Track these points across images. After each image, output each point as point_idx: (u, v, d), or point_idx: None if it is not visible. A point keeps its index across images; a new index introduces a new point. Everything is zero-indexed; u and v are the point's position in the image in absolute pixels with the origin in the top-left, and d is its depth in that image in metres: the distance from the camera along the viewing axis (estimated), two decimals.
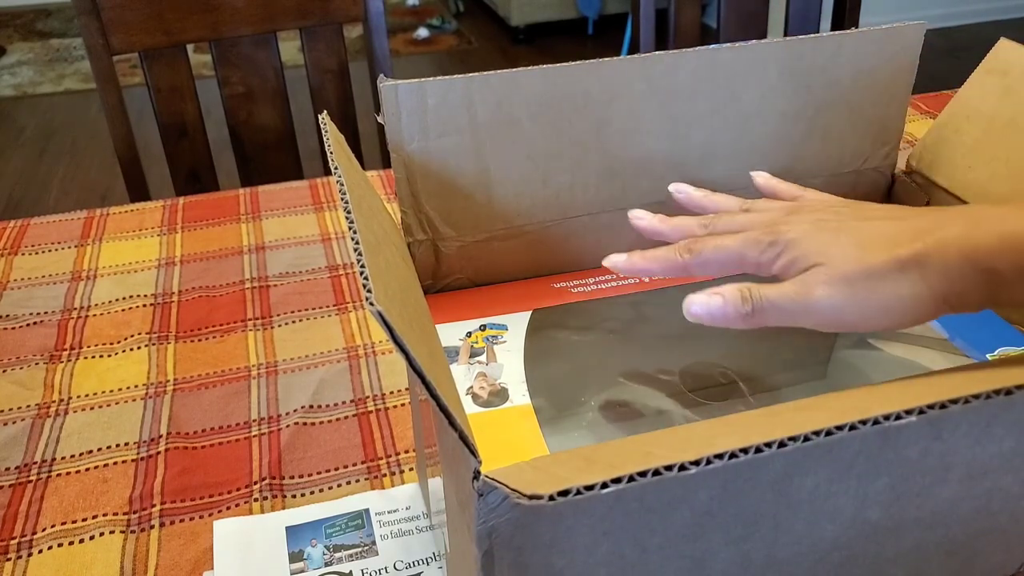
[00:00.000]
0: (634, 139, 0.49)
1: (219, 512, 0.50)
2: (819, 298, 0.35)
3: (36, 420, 0.57)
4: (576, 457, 0.27)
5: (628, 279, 0.52)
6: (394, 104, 0.44)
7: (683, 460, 0.24)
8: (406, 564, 0.47)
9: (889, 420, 0.25)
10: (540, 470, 0.26)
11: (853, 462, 0.29)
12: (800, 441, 0.25)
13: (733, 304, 0.37)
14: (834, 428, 0.25)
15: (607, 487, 0.23)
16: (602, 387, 0.45)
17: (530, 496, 0.23)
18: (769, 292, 0.36)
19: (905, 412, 0.25)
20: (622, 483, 0.23)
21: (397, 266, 0.34)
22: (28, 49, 3.35)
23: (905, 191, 0.55)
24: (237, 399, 0.59)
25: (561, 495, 0.23)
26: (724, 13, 1.29)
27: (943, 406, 0.26)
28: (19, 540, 0.49)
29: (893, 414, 0.25)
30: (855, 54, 0.50)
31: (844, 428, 0.25)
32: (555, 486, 0.23)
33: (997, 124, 0.49)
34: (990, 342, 0.46)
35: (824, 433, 0.25)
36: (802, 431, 0.25)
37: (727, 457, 0.24)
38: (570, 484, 0.23)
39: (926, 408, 0.26)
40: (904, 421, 0.25)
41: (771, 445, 0.24)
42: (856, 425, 0.25)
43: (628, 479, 0.23)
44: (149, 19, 1.03)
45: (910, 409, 0.26)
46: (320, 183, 0.85)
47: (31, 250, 0.76)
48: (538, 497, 0.22)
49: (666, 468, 0.23)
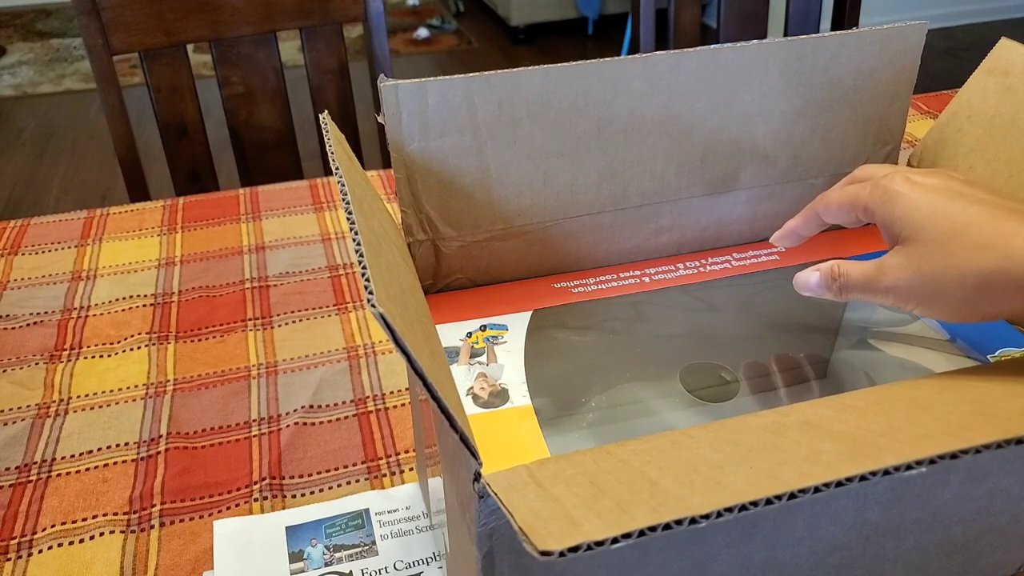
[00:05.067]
0: (634, 139, 0.49)
1: (219, 512, 0.50)
2: (889, 285, 0.37)
3: (36, 420, 0.57)
4: (580, 477, 0.26)
5: (628, 279, 0.52)
6: (394, 104, 0.44)
7: (693, 513, 0.23)
8: (406, 564, 0.47)
9: (900, 471, 0.25)
10: (545, 496, 0.25)
11: None
12: (811, 493, 0.24)
13: (825, 280, 0.40)
14: (844, 480, 0.24)
15: (618, 542, 0.23)
16: (602, 387, 0.45)
17: (542, 552, 0.22)
18: (851, 271, 0.39)
19: (916, 463, 0.25)
20: (632, 539, 0.23)
21: (398, 266, 0.34)
22: (28, 49, 3.35)
23: None
24: (237, 399, 0.59)
25: (572, 551, 0.22)
26: (724, 13, 1.29)
27: (954, 456, 0.26)
28: (19, 540, 0.49)
29: (903, 465, 0.25)
30: (856, 54, 0.50)
31: (855, 480, 0.25)
32: (563, 528, 0.23)
33: (998, 124, 0.49)
34: (991, 343, 0.46)
35: (835, 484, 0.24)
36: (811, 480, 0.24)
37: (737, 510, 0.23)
38: (580, 535, 0.22)
39: (937, 458, 0.25)
40: (915, 472, 0.25)
41: (781, 498, 0.24)
42: (867, 476, 0.25)
43: (639, 534, 0.23)
44: (149, 19, 1.03)
45: (920, 460, 0.25)
46: (320, 183, 0.85)
47: (31, 250, 0.76)
48: (549, 553, 0.22)
49: (676, 523, 0.23)
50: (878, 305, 0.38)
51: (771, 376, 0.46)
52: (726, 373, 0.46)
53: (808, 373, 0.46)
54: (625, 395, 0.45)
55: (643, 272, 0.53)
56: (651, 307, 0.50)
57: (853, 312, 0.50)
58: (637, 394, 0.45)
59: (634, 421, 0.43)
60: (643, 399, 0.44)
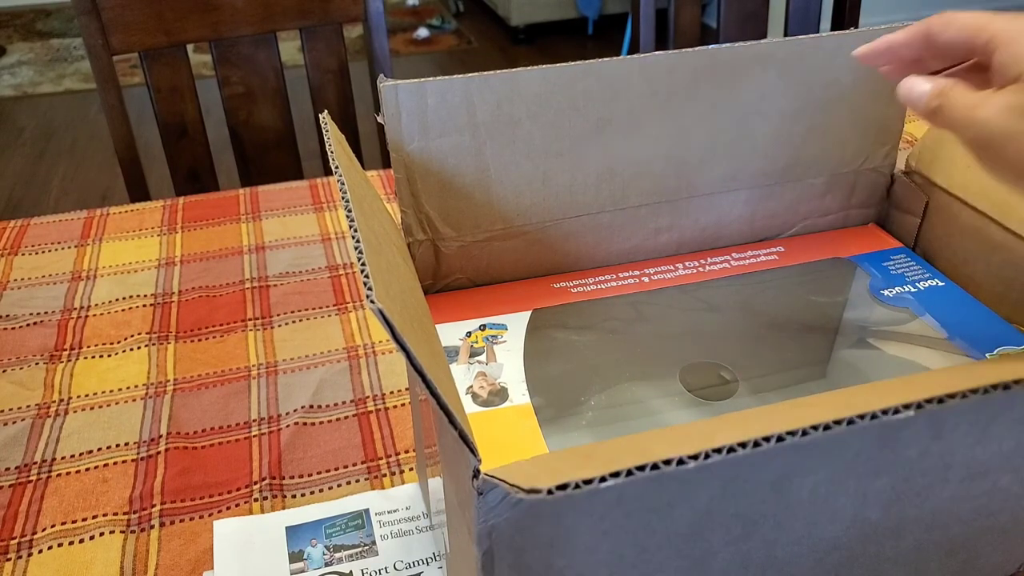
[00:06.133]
0: (634, 139, 0.49)
1: (219, 512, 0.50)
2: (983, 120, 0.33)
3: (36, 420, 0.57)
4: (575, 454, 0.27)
5: (628, 279, 0.52)
6: (394, 104, 0.44)
7: (681, 454, 0.24)
8: (406, 564, 0.47)
9: (888, 415, 0.25)
10: (539, 466, 0.26)
11: (853, 462, 0.29)
12: (799, 435, 0.25)
13: (931, 94, 0.35)
14: (832, 423, 0.25)
15: (606, 481, 0.23)
16: (602, 387, 0.45)
17: (528, 490, 0.23)
18: (954, 94, 0.35)
19: (903, 407, 0.25)
20: (620, 477, 0.23)
21: (398, 266, 0.34)
22: (28, 49, 3.35)
23: (904, 191, 0.55)
24: (237, 399, 0.59)
25: (560, 489, 0.23)
26: (724, 13, 1.29)
27: (941, 400, 0.26)
28: (19, 540, 0.49)
29: (891, 408, 0.25)
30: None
31: (843, 423, 0.25)
32: (554, 480, 0.23)
33: None
34: (989, 341, 0.46)
35: (823, 428, 0.25)
36: (801, 426, 0.25)
37: (725, 451, 0.24)
38: (569, 478, 0.23)
39: (924, 403, 0.26)
40: (903, 416, 0.25)
41: (769, 440, 0.24)
42: (854, 420, 0.25)
43: (627, 473, 0.23)
44: (149, 19, 1.03)
45: (908, 404, 0.26)
46: (320, 183, 0.85)
47: (31, 250, 0.76)
48: (537, 491, 0.23)
49: (664, 463, 0.23)
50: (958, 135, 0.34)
51: (771, 376, 0.46)
52: (726, 372, 0.46)
53: (808, 373, 0.46)
54: (624, 394, 0.45)
55: (642, 272, 0.53)
56: (650, 307, 0.50)
57: (852, 312, 0.50)
58: (637, 393, 0.45)
59: (634, 421, 0.43)
60: (643, 399, 0.44)
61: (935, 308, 0.49)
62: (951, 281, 0.51)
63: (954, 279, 0.51)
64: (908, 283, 0.51)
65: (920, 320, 0.48)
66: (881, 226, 0.57)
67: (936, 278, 0.52)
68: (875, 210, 0.57)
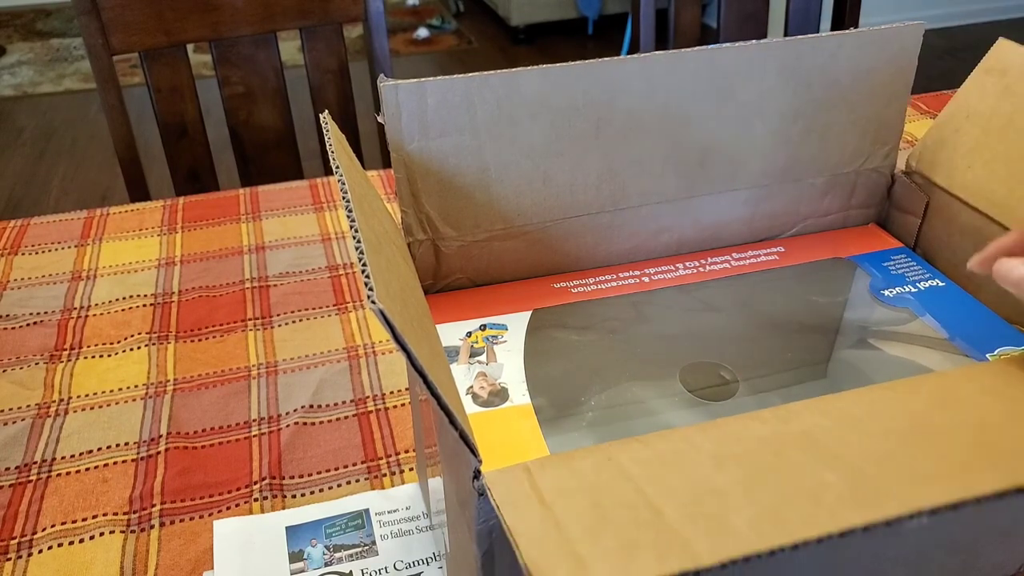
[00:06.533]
0: (633, 139, 0.49)
1: (219, 512, 0.50)
2: None
3: (36, 420, 0.57)
4: (581, 494, 0.26)
5: (628, 279, 0.52)
6: (394, 104, 0.44)
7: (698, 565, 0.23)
8: (406, 564, 0.47)
9: (902, 521, 0.25)
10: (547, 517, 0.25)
11: None
12: (815, 542, 0.24)
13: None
14: (847, 530, 0.24)
15: None
16: (602, 387, 0.45)
17: None
18: None
19: (917, 513, 0.25)
20: None
21: (398, 265, 0.34)
22: (28, 49, 3.35)
23: (905, 191, 0.55)
24: (237, 399, 0.59)
25: None
26: (724, 13, 1.29)
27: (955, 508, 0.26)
28: (19, 540, 0.49)
29: (906, 515, 0.25)
30: (854, 54, 0.50)
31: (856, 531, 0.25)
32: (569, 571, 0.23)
33: (996, 124, 0.49)
34: (990, 342, 0.46)
35: (839, 535, 0.24)
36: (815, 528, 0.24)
37: (742, 561, 0.23)
38: None
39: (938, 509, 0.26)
40: (916, 523, 0.25)
41: (784, 549, 0.24)
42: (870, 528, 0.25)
43: None
44: (149, 19, 1.03)
45: (921, 511, 0.25)
46: (320, 183, 0.85)
47: (31, 250, 0.76)
48: None
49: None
50: None
51: (771, 376, 0.46)
52: (726, 372, 0.46)
53: (808, 373, 0.46)
54: (625, 394, 0.45)
55: (643, 272, 0.53)
56: (651, 307, 0.50)
57: (852, 312, 0.50)
58: (637, 393, 0.45)
59: (634, 421, 0.43)
60: (643, 399, 0.44)
61: (936, 308, 0.49)
62: (952, 281, 0.51)
63: (955, 279, 0.51)
64: (908, 283, 0.51)
65: (921, 320, 0.48)
66: (881, 226, 0.57)
67: (937, 278, 0.52)
68: (875, 210, 0.57)
